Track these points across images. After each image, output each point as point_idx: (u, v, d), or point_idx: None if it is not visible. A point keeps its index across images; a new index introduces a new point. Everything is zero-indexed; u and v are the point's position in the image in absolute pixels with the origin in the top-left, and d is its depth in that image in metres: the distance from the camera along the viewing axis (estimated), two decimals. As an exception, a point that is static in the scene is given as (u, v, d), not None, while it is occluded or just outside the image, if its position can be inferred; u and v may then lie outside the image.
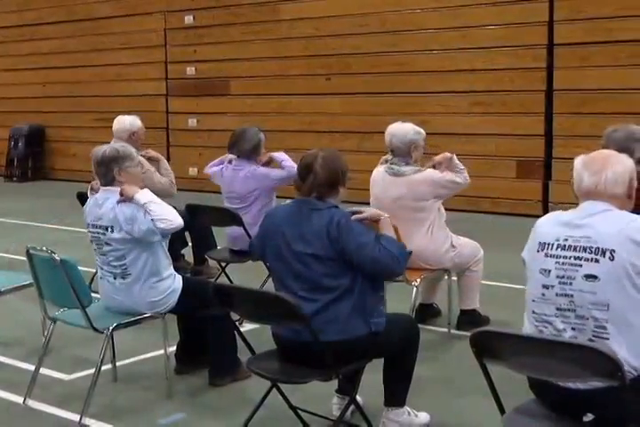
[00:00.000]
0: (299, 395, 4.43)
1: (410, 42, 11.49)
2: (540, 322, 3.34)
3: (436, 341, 5.75)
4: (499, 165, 10.86)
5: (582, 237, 3.24)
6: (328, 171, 3.98)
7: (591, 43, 10.17)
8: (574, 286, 3.23)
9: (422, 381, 4.72)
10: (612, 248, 3.17)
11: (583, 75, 10.23)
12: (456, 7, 11.09)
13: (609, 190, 3.33)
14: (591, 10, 10.12)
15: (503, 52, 10.83)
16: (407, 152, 5.65)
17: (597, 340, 3.17)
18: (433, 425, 4.40)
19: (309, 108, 12.45)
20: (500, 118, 10.90)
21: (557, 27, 10.48)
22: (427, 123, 8.97)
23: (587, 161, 3.40)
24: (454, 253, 5.69)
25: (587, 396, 3.17)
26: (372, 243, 3.93)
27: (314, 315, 3.86)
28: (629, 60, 9.91)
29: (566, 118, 10.40)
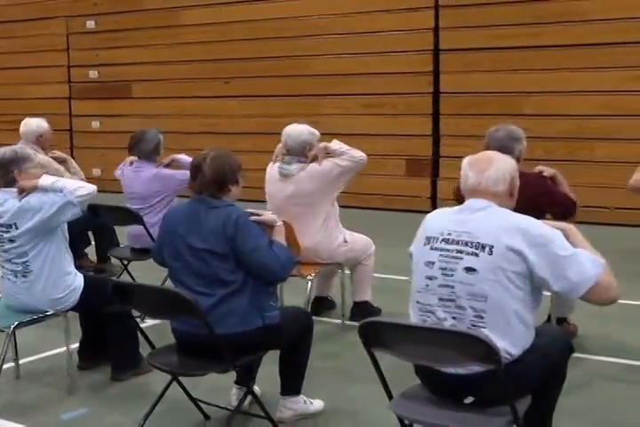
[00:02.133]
0: (200, 387, 4.44)
1: (306, 47, 11.52)
2: (424, 312, 3.39)
3: (330, 332, 5.79)
4: (389, 163, 10.96)
5: (464, 232, 3.31)
6: (216, 170, 3.99)
7: (475, 49, 10.34)
8: (455, 277, 3.29)
9: (317, 370, 4.76)
10: (491, 244, 3.24)
11: (467, 78, 10.41)
12: (351, 14, 11.16)
13: (491, 188, 3.40)
14: (475, 18, 10.29)
15: (393, 57, 10.93)
16: (302, 152, 5.69)
17: (475, 328, 3.23)
18: (327, 412, 4.46)
19: (209, 111, 12.40)
20: (390, 119, 11.01)
21: (442, 33, 10.64)
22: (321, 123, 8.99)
23: (472, 161, 3.48)
24: (346, 249, 5.74)
25: (466, 380, 3.25)
26: (265, 247, 3.97)
27: (211, 309, 3.87)
28: (511, 65, 10.12)
29: (452, 119, 10.57)
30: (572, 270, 3.22)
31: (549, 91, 9.94)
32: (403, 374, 3.57)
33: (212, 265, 3.92)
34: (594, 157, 9.76)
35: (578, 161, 9.59)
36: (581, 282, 3.24)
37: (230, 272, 3.93)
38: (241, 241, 3.90)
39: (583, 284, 3.24)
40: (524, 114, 9.81)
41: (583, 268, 3.24)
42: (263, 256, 3.94)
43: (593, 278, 3.24)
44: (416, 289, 3.44)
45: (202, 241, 3.93)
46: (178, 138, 11.11)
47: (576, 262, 3.24)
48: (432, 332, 3.21)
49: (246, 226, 3.95)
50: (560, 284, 3.25)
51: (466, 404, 3.34)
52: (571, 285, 3.24)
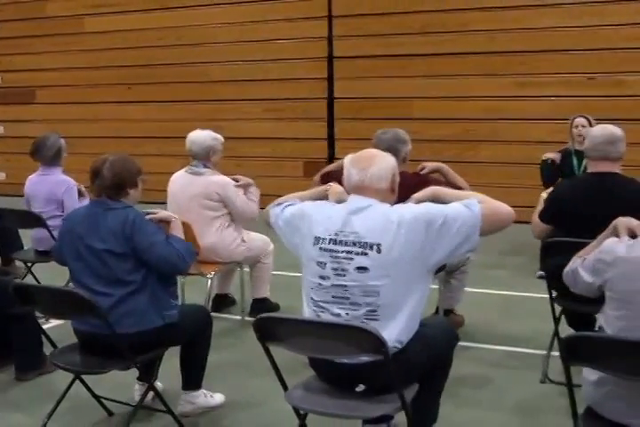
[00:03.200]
0: (103, 385, 4.37)
1: (207, 54, 11.46)
2: (318, 307, 3.39)
3: (230, 328, 5.78)
4: (288, 165, 10.99)
5: (351, 233, 3.30)
6: (115, 174, 3.94)
7: (367, 56, 10.43)
8: (348, 277, 3.29)
9: (218, 365, 4.75)
10: (378, 242, 3.25)
11: (360, 84, 10.50)
12: (250, 23, 11.14)
13: (375, 185, 3.39)
14: (366, 28, 10.38)
15: (291, 64, 10.96)
16: (206, 157, 5.68)
17: (368, 322, 3.24)
18: (227, 405, 4.44)
19: (112, 116, 12.23)
20: (288, 123, 11.03)
21: (336, 42, 10.72)
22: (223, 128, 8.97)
23: (354, 159, 3.47)
24: (245, 248, 5.73)
25: (357, 370, 3.26)
26: (163, 242, 3.95)
27: (111, 309, 3.82)
28: (400, 71, 10.24)
29: (346, 123, 10.64)
30: (459, 229, 3.25)
31: (437, 96, 10.09)
32: (300, 367, 3.59)
33: (111, 265, 3.87)
34: (479, 158, 9.94)
35: (464, 162, 9.72)
36: (472, 231, 3.28)
37: (129, 272, 3.88)
38: (139, 239, 3.87)
39: (474, 231, 3.28)
40: (413, 118, 9.96)
41: (463, 218, 3.26)
42: (161, 250, 3.91)
43: (477, 223, 3.27)
44: (309, 286, 3.43)
45: (101, 242, 3.88)
46: (82, 142, 10.95)
47: (456, 219, 3.26)
48: (323, 326, 3.22)
49: (142, 224, 3.93)
50: (462, 248, 3.31)
51: (357, 393, 3.35)
52: (467, 239, 3.28)
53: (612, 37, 9.20)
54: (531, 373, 4.76)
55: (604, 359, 2.88)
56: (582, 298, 3.37)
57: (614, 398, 3.01)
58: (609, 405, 3.04)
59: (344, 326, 3.19)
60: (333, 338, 3.14)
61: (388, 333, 3.19)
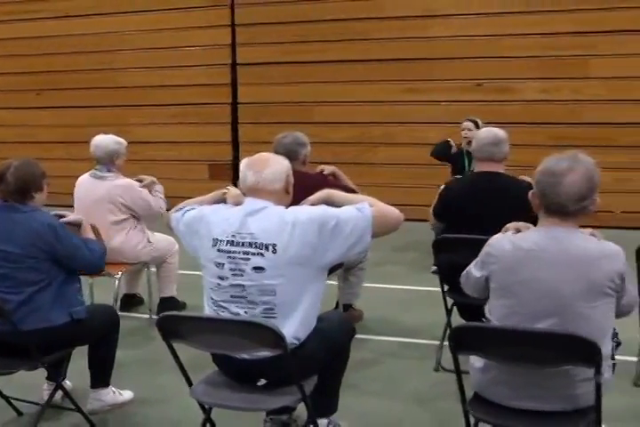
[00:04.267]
0: (12, 385, 4.26)
1: (115, 61, 11.30)
2: (218, 307, 3.38)
3: (138, 326, 5.71)
4: (194, 168, 10.93)
5: (247, 234, 3.30)
6: (19, 178, 3.88)
7: (268, 63, 10.44)
8: (245, 277, 3.29)
9: (126, 362, 4.71)
10: (274, 242, 3.26)
11: (263, 90, 10.50)
12: (156, 30, 11.02)
13: (269, 187, 3.40)
14: (268, 36, 10.39)
15: (195, 71, 10.88)
16: (110, 161, 5.60)
17: (266, 319, 3.24)
18: (136, 401, 4.40)
19: (23, 121, 11.96)
20: (194, 128, 10.96)
21: (239, 49, 10.71)
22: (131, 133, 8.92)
23: (250, 162, 3.47)
24: (151, 249, 5.68)
25: (258, 364, 3.26)
26: (84, 247, 3.96)
27: (18, 307, 3.77)
28: (301, 77, 10.27)
29: (249, 127, 10.63)
30: (351, 231, 3.27)
31: (336, 101, 10.15)
32: (207, 363, 3.57)
33: (22, 268, 3.80)
34: (375, 160, 10.04)
35: (362, 163, 9.84)
36: (363, 233, 3.29)
37: (39, 273, 3.82)
38: (62, 247, 3.85)
39: (365, 233, 3.30)
40: (313, 122, 9.99)
41: (355, 221, 3.28)
42: (86, 255, 3.95)
43: (368, 225, 3.29)
44: (209, 286, 3.42)
45: (10, 245, 3.80)
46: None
47: (348, 221, 3.27)
48: (223, 323, 3.23)
49: (63, 232, 3.89)
50: (355, 249, 3.33)
51: (259, 386, 3.36)
52: (359, 240, 3.30)
53: (498, 46, 9.39)
54: (426, 362, 4.84)
55: (488, 347, 2.96)
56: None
57: (498, 383, 3.09)
58: (494, 389, 3.12)
59: (244, 323, 3.19)
60: (234, 334, 3.14)
61: (285, 329, 3.20)
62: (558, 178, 2.97)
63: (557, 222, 3.03)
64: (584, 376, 2.95)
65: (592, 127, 9.07)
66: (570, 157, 3.04)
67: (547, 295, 2.97)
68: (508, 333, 2.93)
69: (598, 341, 2.87)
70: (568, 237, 3.02)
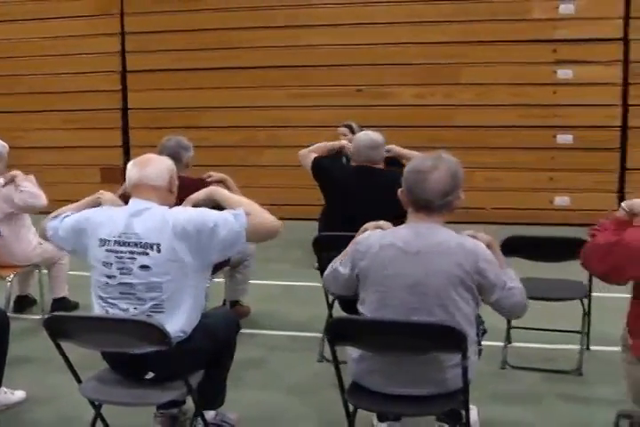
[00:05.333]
0: None
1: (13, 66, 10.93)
2: (106, 304, 3.34)
3: (31, 327, 5.52)
4: (86, 172, 10.70)
5: (133, 234, 3.28)
6: None
7: (158, 70, 10.32)
8: (132, 275, 3.27)
9: (18, 362, 4.59)
10: (157, 242, 3.24)
11: (153, 96, 10.36)
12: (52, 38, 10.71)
13: (151, 182, 3.40)
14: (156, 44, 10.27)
15: (87, 77, 10.64)
16: None
17: (154, 314, 3.22)
18: (29, 401, 4.29)
19: None
20: (86, 133, 10.73)
21: (129, 56, 10.55)
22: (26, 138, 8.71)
23: (134, 162, 3.50)
24: (42, 250, 5.54)
25: (145, 360, 3.23)
26: None
27: None
28: (190, 84, 10.18)
29: (140, 132, 10.46)
30: (226, 236, 3.24)
31: (223, 106, 10.10)
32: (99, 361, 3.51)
33: None
34: (262, 162, 10.05)
35: (249, 166, 9.85)
36: (236, 238, 3.27)
37: None
38: None
39: (238, 238, 3.27)
40: (202, 126, 9.94)
41: (230, 226, 3.25)
42: None
43: (242, 232, 3.26)
44: (97, 285, 3.38)
45: None
46: None
47: (224, 226, 3.25)
48: (110, 321, 3.19)
49: None
50: (230, 251, 3.34)
51: (147, 381, 3.32)
52: (233, 244, 3.29)
53: (376, 55, 9.53)
54: (310, 354, 4.86)
55: (361, 338, 3.01)
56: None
57: (373, 372, 3.14)
58: (369, 378, 3.17)
59: (129, 321, 3.16)
60: (120, 332, 3.11)
61: (172, 324, 3.20)
62: (424, 175, 3.06)
63: (424, 218, 3.10)
64: (452, 362, 3.03)
65: (463, 130, 9.30)
66: (435, 156, 3.14)
67: (416, 288, 3.03)
68: (379, 324, 2.99)
69: (463, 328, 2.96)
70: (433, 233, 3.10)
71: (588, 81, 9.10)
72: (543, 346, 4.98)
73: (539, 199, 9.33)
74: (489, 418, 3.92)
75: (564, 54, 9.15)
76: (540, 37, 9.17)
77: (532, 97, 9.19)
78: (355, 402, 3.17)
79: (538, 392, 4.37)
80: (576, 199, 9.25)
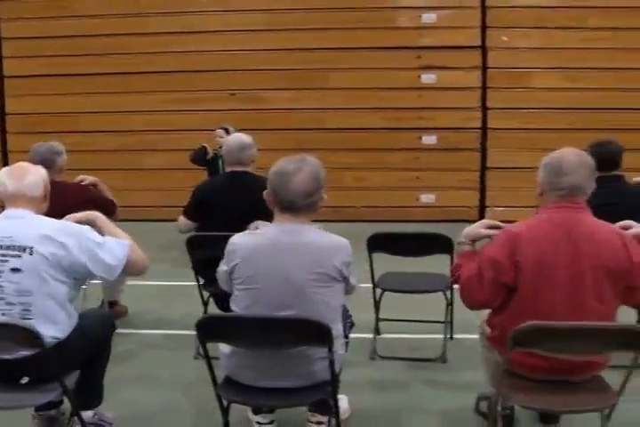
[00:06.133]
0: None
1: None
2: (-21, 309, 3.22)
3: None
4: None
5: (6, 237, 3.18)
6: None
7: (36, 75, 10.00)
8: (3, 278, 3.16)
9: None
10: (31, 245, 3.15)
11: (31, 101, 10.04)
12: None
13: (29, 193, 3.31)
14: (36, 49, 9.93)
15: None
16: None
17: (25, 320, 3.12)
18: None
19: None
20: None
21: (6, 62, 10.21)
22: None
23: (9, 171, 3.37)
24: None
25: (19, 363, 3.13)
26: None
27: None
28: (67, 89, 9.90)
29: (18, 137, 10.08)
30: (106, 256, 3.22)
31: (102, 111, 9.86)
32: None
33: None
34: (142, 166, 9.89)
35: (128, 169, 9.69)
36: (116, 264, 3.25)
37: None
38: None
39: (118, 265, 3.26)
40: (80, 131, 9.75)
41: (114, 252, 3.25)
42: None
43: (124, 259, 3.26)
44: None
45: None
46: None
47: (108, 249, 3.24)
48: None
49: None
50: (100, 269, 3.24)
51: (23, 384, 3.22)
52: (108, 267, 3.24)
53: (251, 60, 9.51)
54: (186, 351, 4.80)
55: (231, 335, 3.00)
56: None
57: (244, 367, 3.15)
58: (241, 372, 3.17)
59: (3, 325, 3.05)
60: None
61: (43, 328, 3.10)
62: (288, 177, 3.08)
63: (290, 218, 3.13)
64: (319, 355, 3.06)
65: (333, 132, 9.40)
66: (298, 159, 3.16)
67: (284, 285, 3.05)
68: (246, 321, 2.99)
69: (331, 322, 2.99)
70: (300, 231, 3.13)
71: (449, 85, 9.34)
72: (410, 336, 5.08)
73: (405, 197, 9.52)
74: (360, 406, 3.99)
75: (428, 60, 9.37)
76: (405, 44, 9.36)
77: (398, 100, 9.36)
78: (227, 396, 3.16)
79: (405, 380, 4.45)
80: (440, 197, 9.48)
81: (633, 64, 9.11)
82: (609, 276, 3.10)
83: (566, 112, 9.18)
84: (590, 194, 3.25)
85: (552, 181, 3.18)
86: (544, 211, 3.25)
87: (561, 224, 3.15)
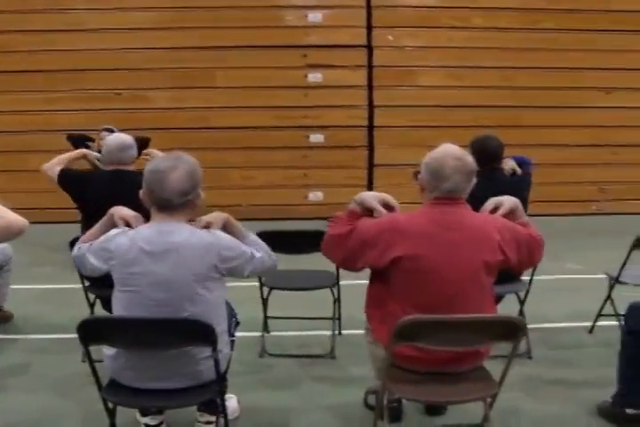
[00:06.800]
0: None
1: None
2: None
3: None
4: None
5: None
6: None
7: None
8: None
9: None
10: None
11: None
12: None
13: None
14: None
15: None
16: None
17: None
18: None
19: None
20: None
21: None
22: None
23: None
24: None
25: None
26: None
27: None
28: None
29: None
30: None
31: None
32: None
33: None
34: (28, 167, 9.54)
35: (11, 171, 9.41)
36: None
37: None
38: None
39: None
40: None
41: None
42: None
43: None
44: None
45: None
46: None
47: None
48: None
49: None
50: None
51: None
52: None
53: (135, 59, 9.35)
54: (74, 355, 4.66)
55: (112, 337, 2.94)
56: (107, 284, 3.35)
57: (128, 368, 3.10)
58: (125, 374, 3.12)
59: None
60: None
61: None
62: (163, 175, 3.05)
63: (166, 217, 3.09)
64: (204, 355, 3.04)
65: (219, 132, 9.34)
66: (174, 157, 3.14)
67: (162, 285, 3.01)
68: (127, 322, 2.94)
69: (214, 321, 2.97)
70: (177, 231, 3.09)
71: (336, 84, 9.42)
72: (298, 333, 5.09)
73: (294, 195, 9.55)
74: (250, 405, 3.97)
75: (314, 59, 9.42)
76: (291, 43, 9.38)
77: (284, 99, 9.38)
78: (112, 399, 3.10)
79: (295, 377, 4.46)
80: (328, 194, 9.55)
81: (515, 63, 9.41)
82: (487, 268, 3.19)
83: (451, 110, 9.40)
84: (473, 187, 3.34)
85: (432, 184, 3.26)
86: (425, 205, 3.32)
87: (439, 219, 3.22)
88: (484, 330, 3.05)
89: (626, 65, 9.49)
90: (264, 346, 4.75)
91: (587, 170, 9.67)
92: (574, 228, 8.57)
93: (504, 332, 3.04)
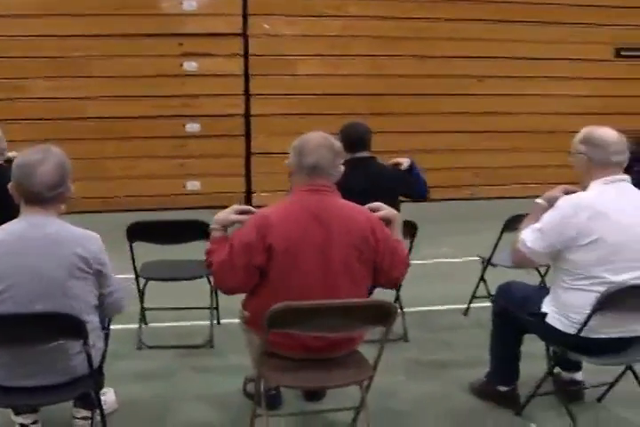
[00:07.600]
0: None
1: None
2: None
3: None
4: None
5: None
6: None
7: None
8: None
9: None
10: None
11: None
12: None
13: None
14: None
15: None
16: None
17: None
18: None
19: None
20: None
21: None
22: None
23: None
24: None
25: None
26: None
27: None
28: None
29: None
30: None
31: None
32: None
33: None
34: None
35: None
36: None
37: None
38: None
39: None
40: None
41: None
42: None
43: None
44: None
45: None
46: None
47: None
48: None
49: None
50: None
51: None
52: None
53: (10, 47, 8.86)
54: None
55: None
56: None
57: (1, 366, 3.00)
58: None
59: None
60: None
61: None
62: (32, 169, 2.99)
63: (38, 211, 3.03)
64: (76, 349, 3.00)
65: (96, 121, 9.08)
66: (43, 149, 3.07)
67: (35, 279, 2.95)
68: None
69: (85, 314, 2.93)
70: (47, 224, 3.03)
71: (212, 72, 9.32)
72: (177, 324, 5.06)
73: (172, 185, 9.42)
74: (128, 398, 3.93)
75: (190, 47, 9.29)
76: (166, 31, 9.21)
77: (161, 88, 9.21)
78: (-19, 399, 3.01)
79: (174, 368, 4.44)
80: (206, 184, 9.47)
81: (390, 51, 9.55)
82: (359, 257, 3.25)
83: (327, 98, 9.45)
84: (343, 176, 3.39)
85: (296, 161, 3.33)
86: (295, 194, 3.35)
87: (310, 207, 3.25)
88: (356, 315, 3.10)
89: (496, 53, 9.77)
90: (141, 338, 4.70)
91: (460, 156, 9.91)
92: (449, 213, 8.79)
93: (376, 316, 3.10)
